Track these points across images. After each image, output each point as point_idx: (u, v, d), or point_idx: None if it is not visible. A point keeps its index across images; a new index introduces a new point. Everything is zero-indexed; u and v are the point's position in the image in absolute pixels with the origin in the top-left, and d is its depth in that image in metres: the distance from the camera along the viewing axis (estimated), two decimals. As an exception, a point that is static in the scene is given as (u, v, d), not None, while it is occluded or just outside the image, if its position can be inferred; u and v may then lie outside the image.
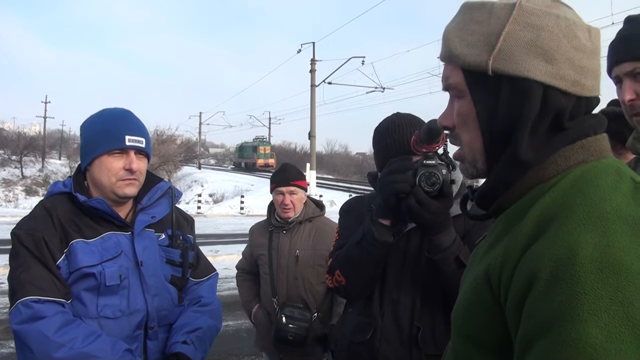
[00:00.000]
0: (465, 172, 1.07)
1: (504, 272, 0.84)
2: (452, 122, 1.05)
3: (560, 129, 0.94)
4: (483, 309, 0.89)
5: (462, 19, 1.01)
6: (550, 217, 0.82)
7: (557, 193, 0.87)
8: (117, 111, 2.07)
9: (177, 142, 46.71)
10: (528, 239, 0.83)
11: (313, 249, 3.38)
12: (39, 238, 1.85)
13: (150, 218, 2.07)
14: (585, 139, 0.94)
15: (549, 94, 0.92)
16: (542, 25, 0.92)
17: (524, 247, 0.83)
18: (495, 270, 0.87)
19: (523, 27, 0.93)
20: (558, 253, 0.75)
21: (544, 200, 0.87)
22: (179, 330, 2.01)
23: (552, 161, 0.93)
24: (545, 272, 0.75)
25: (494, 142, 0.97)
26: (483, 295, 0.89)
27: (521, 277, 0.80)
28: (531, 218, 0.85)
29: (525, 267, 0.80)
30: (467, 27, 0.98)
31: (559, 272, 0.74)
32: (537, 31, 0.92)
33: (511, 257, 0.84)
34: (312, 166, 29.39)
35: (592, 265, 0.72)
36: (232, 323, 6.94)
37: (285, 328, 3.21)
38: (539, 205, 0.87)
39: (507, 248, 0.86)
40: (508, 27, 0.93)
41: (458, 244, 1.82)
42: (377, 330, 1.97)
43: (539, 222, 0.83)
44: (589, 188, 0.83)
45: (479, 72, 0.96)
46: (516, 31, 0.93)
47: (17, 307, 1.77)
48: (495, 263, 0.87)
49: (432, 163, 1.74)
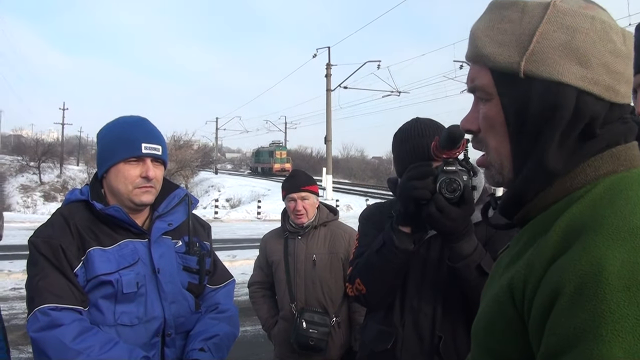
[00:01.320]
0: (491, 180, 1.02)
1: (528, 285, 0.81)
2: (476, 126, 1.00)
3: (590, 136, 0.89)
4: (505, 323, 0.86)
5: (491, 17, 0.96)
6: (577, 230, 0.78)
7: (585, 204, 0.83)
8: (133, 119, 2.07)
9: (194, 147, 47.03)
10: (554, 252, 0.79)
11: (329, 253, 3.37)
12: (57, 246, 1.85)
13: (167, 225, 2.07)
14: (615, 148, 0.89)
15: (582, 100, 0.87)
16: (577, 27, 0.87)
17: (549, 261, 0.78)
18: (519, 284, 0.83)
19: (557, 28, 0.88)
20: (584, 268, 0.71)
21: (572, 212, 0.83)
22: (196, 337, 2.00)
23: (581, 171, 0.88)
24: (569, 286, 0.72)
25: (523, 149, 0.92)
26: (506, 308, 0.85)
27: (545, 291, 0.76)
28: (557, 230, 0.81)
29: (549, 280, 0.76)
30: (498, 26, 0.93)
31: (584, 288, 0.70)
32: (572, 33, 0.87)
33: (536, 270, 0.80)
34: (329, 170, 29.43)
35: (619, 283, 0.67)
36: (250, 328, 6.93)
37: (306, 333, 3.19)
38: (566, 216, 0.83)
39: (532, 261, 0.82)
40: (542, 28, 0.88)
41: (480, 252, 1.78)
42: (398, 339, 1.94)
43: (566, 234, 0.79)
44: (619, 200, 0.78)
45: (509, 74, 0.91)
46: (550, 32, 0.88)
47: (34, 314, 1.77)
48: (519, 276, 0.84)
49: (452, 169, 1.71)
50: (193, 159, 41.86)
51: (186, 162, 39.05)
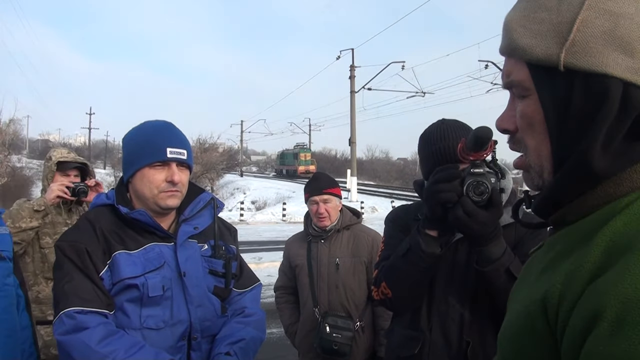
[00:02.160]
0: (530, 183, 0.94)
1: (564, 303, 0.74)
2: (513, 125, 0.92)
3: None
4: (534, 338, 0.80)
5: (526, 5, 0.88)
6: (621, 248, 0.70)
7: (631, 217, 0.75)
8: (158, 123, 2.08)
9: (219, 150, 47.33)
10: (594, 268, 0.72)
11: (352, 256, 3.35)
12: (82, 250, 1.86)
13: (193, 229, 2.07)
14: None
15: (630, 93, 0.78)
16: (620, 12, 0.78)
17: (589, 278, 0.72)
18: (554, 300, 0.76)
19: (599, 15, 0.79)
20: (628, 293, 0.65)
21: (615, 224, 0.75)
22: (222, 341, 1.99)
23: (628, 175, 0.80)
24: (611, 312, 0.65)
25: (565, 149, 0.84)
26: (537, 323, 0.79)
27: (583, 312, 0.70)
28: (599, 244, 0.74)
29: (588, 302, 0.70)
30: (534, 15, 0.85)
31: (627, 316, 0.64)
32: (615, 19, 0.78)
33: (574, 287, 0.73)
34: (353, 172, 29.40)
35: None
36: (276, 330, 6.93)
37: (330, 337, 3.17)
38: (609, 228, 0.75)
39: (570, 276, 0.75)
40: (582, 15, 0.79)
41: (508, 255, 1.74)
42: (425, 344, 1.91)
43: (609, 250, 0.72)
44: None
45: (548, 67, 0.83)
46: (591, 19, 0.79)
47: (60, 318, 1.79)
48: (554, 290, 0.77)
49: (480, 171, 1.67)
50: (218, 162, 42.13)
51: (212, 165, 39.33)
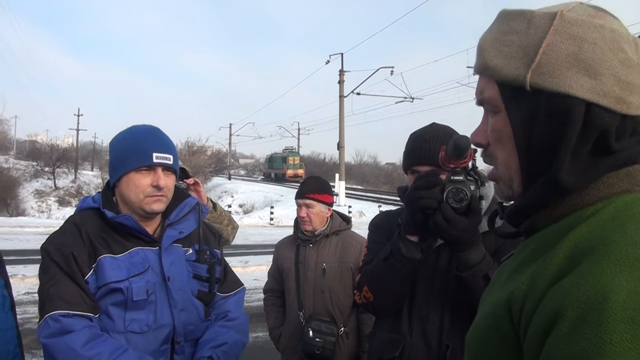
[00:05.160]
0: (501, 194, 1.00)
1: (528, 302, 0.78)
2: (486, 139, 0.98)
3: (605, 151, 0.86)
4: (500, 339, 0.83)
5: (499, 28, 0.94)
6: (584, 251, 0.75)
7: (594, 224, 0.79)
8: (145, 128, 2.09)
9: (208, 153, 47.25)
10: (558, 271, 0.76)
11: (340, 262, 3.36)
12: (68, 253, 1.87)
13: (178, 233, 2.09)
14: (632, 166, 0.85)
15: (592, 112, 0.84)
16: (585, 37, 0.85)
17: (552, 280, 0.76)
18: (518, 299, 0.80)
19: (565, 39, 0.85)
20: (588, 293, 0.68)
21: (580, 230, 0.79)
22: (205, 345, 2.01)
23: (593, 187, 0.85)
24: (572, 312, 0.69)
25: (532, 162, 0.90)
26: (502, 323, 0.83)
27: (545, 311, 0.73)
28: (564, 248, 0.78)
29: (551, 301, 0.73)
30: (504, 38, 0.92)
31: (586, 315, 0.67)
32: (579, 43, 0.85)
33: (537, 287, 0.77)
34: (341, 176, 29.43)
35: (624, 314, 0.64)
36: (262, 334, 6.92)
37: (312, 342, 3.18)
38: (574, 234, 0.79)
39: (534, 277, 0.79)
40: (548, 39, 0.86)
41: (487, 261, 1.78)
42: (405, 347, 1.94)
43: (572, 254, 0.76)
44: (631, 224, 0.75)
45: (516, 87, 0.89)
46: (557, 43, 0.85)
47: (45, 320, 1.80)
48: (519, 291, 0.81)
49: (459, 179, 1.71)
50: (206, 165, 42.08)
51: (200, 167, 39.25)
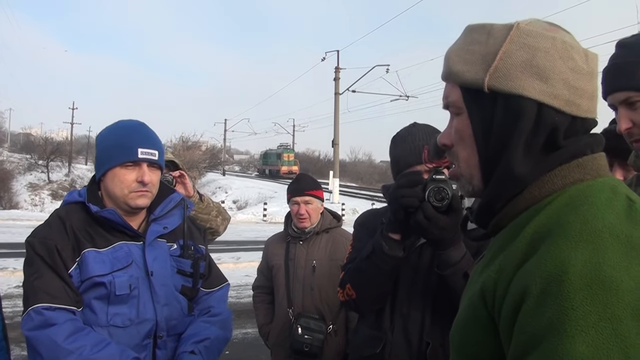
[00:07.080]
0: (462, 190, 1.08)
1: (498, 289, 0.86)
2: (450, 140, 1.06)
3: (555, 147, 0.95)
4: (479, 327, 0.90)
5: (463, 40, 1.04)
6: (543, 235, 0.83)
7: (551, 211, 0.88)
8: (131, 123, 2.10)
9: (202, 148, 47.07)
10: (522, 256, 0.84)
11: (329, 260, 3.37)
12: (52, 246, 1.88)
13: (162, 228, 2.10)
14: (582, 158, 0.95)
15: (543, 112, 0.93)
16: (538, 46, 0.94)
17: (517, 265, 0.84)
18: (489, 288, 0.88)
19: (519, 47, 0.95)
20: (549, 270, 0.76)
21: (539, 219, 0.88)
22: (187, 340, 2.02)
23: (548, 180, 0.94)
24: (535, 288, 0.77)
25: (490, 159, 0.99)
26: (479, 313, 0.90)
27: (514, 293, 0.81)
28: (526, 236, 0.87)
29: (517, 284, 0.81)
30: (468, 47, 1.01)
31: (548, 288, 0.75)
32: (533, 51, 0.94)
33: (505, 274, 0.85)
34: (336, 174, 29.45)
35: (581, 282, 0.73)
36: (252, 330, 6.94)
37: (301, 339, 3.19)
38: (533, 223, 0.88)
39: (502, 266, 0.87)
40: (505, 47, 0.95)
41: (467, 260, 1.80)
42: (387, 344, 1.96)
43: (533, 240, 0.85)
44: (583, 206, 0.84)
45: (476, 90, 0.98)
46: (512, 51, 0.95)
47: (28, 313, 1.81)
48: (489, 281, 0.88)
49: (441, 178, 1.73)
50: (201, 160, 41.91)
51: (194, 163, 39.12)
